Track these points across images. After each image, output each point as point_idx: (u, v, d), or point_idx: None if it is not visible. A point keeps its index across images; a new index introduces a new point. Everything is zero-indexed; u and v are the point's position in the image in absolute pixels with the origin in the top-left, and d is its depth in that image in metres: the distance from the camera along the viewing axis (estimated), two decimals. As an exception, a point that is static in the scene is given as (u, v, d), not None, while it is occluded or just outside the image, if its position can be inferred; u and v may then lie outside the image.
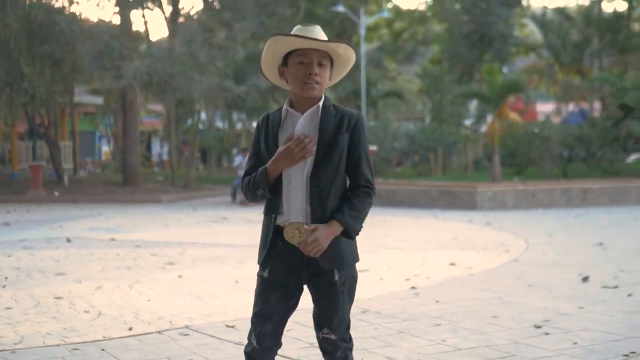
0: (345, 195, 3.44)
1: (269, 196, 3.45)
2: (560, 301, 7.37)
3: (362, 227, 3.45)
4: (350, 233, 3.39)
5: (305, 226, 3.35)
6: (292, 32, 3.40)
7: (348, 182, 3.48)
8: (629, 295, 7.64)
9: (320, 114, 3.41)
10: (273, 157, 3.38)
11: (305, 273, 3.45)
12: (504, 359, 5.34)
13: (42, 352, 5.57)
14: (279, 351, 3.63)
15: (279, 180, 3.43)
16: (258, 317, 3.50)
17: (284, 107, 3.49)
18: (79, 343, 5.80)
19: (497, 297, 7.63)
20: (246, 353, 3.55)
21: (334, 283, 3.43)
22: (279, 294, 3.47)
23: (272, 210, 3.48)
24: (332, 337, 3.49)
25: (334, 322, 3.48)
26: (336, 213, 3.37)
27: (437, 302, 7.38)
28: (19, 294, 7.79)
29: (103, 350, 5.61)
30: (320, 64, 3.39)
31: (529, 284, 8.38)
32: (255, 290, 3.55)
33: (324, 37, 3.42)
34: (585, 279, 8.57)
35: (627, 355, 5.38)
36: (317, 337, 3.56)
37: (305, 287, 3.53)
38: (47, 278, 8.87)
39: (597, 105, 39.97)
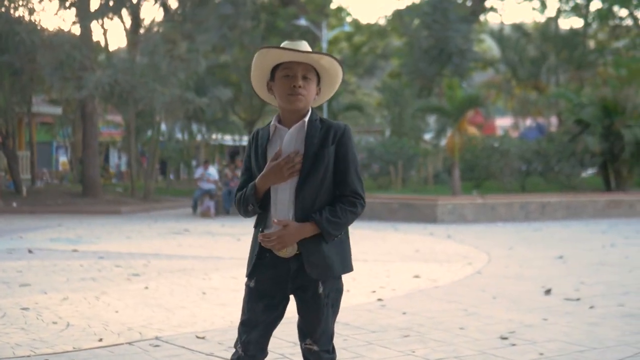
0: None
1: (258, 211, 3.53)
2: (524, 313, 7.50)
3: (339, 234, 3.47)
4: (324, 236, 3.42)
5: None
6: (280, 46, 3.47)
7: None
8: (591, 307, 7.79)
9: (306, 128, 3.47)
10: (262, 173, 3.46)
11: (291, 285, 3.51)
12: (473, 369, 5.44)
13: (13, 363, 5.55)
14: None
15: (267, 195, 3.50)
16: (244, 326, 3.56)
17: (272, 123, 3.56)
18: (49, 354, 5.78)
19: (463, 308, 7.74)
20: None
21: (318, 295, 3.49)
22: (264, 303, 3.53)
23: (260, 224, 3.56)
24: (315, 348, 3.57)
25: (317, 333, 3.55)
26: (314, 213, 3.42)
27: (404, 313, 7.46)
28: (-15, 305, 7.74)
29: (74, 361, 5.61)
30: (305, 77, 3.46)
31: (493, 295, 8.51)
32: (243, 299, 3.61)
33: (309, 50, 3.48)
34: (548, 292, 8.72)
35: (592, 366, 5.51)
36: (301, 346, 3.63)
37: (291, 297, 3.60)
38: (11, 289, 8.81)
39: (553, 120, 40.50)
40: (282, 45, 3.49)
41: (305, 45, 3.48)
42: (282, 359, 5.65)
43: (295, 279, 3.49)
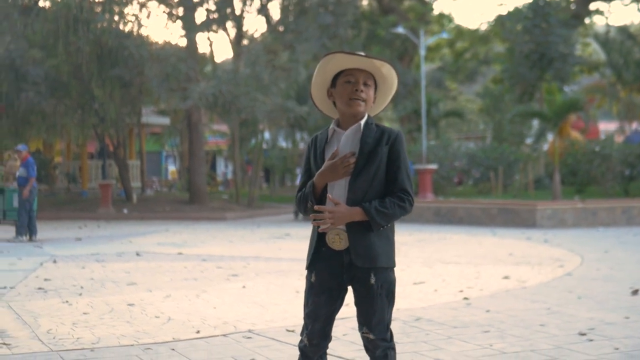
0: None
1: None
2: (607, 312, 7.64)
3: (386, 224, 3.72)
4: (371, 224, 3.67)
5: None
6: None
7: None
8: (676, 307, 7.88)
9: (362, 130, 3.77)
10: (319, 171, 3.77)
11: (345, 276, 3.79)
12: (546, 362, 5.67)
13: (117, 351, 6.07)
14: (336, 351, 3.99)
15: (324, 193, 3.80)
16: (308, 318, 3.88)
17: (330, 127, 3.87)
18: (150, 344, 6.29)
19: (547, 307, 7.93)
20: (299, 348, 3.95)
21: (371, 286, 3.75)
22: (325, 297, 3.82)
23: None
24: (371, 336, 3.82)
25: (372, 322, 3.80)
26: (365, 202, 3.70)
27: (487, 311, 7.71)
28: (95, 301, 8.35)
29: (173, 350, 6.09)
30: (365, 84, 3.76)
31: (578, 296, 8.65)
32: (305, 292, 3.92)
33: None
34: (635, 292, 8.80)
35: (665, 360, 5.67)
36: (361, 335, 3.90)
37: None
38: (119, 287, 9.43)
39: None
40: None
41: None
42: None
43: (349, 271, 3.76)
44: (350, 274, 3.79)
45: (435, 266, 11.57)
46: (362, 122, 3.81)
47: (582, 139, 28.50)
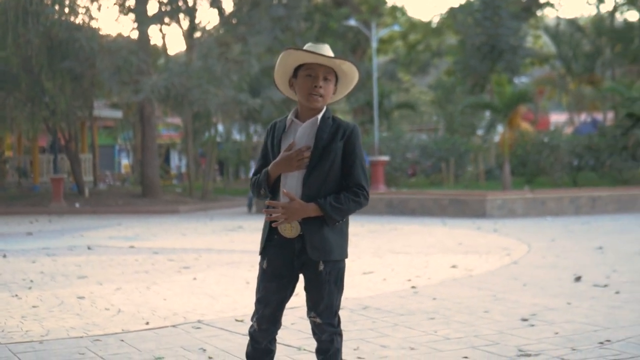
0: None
1: (269, 195, 3.93)
2: (550, 298, 7.84)
3: (341, 219, 3.83)
4: (326, 219, 3.78)
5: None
6: (304, 48, 3.86)
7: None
8: (617, 292, 8.10)
9: (318, 123, 3.87)
10: (274, 162, 3.87)
11: (296, 263, 3.89)
12: (488, 346, 5.82)
13: (67, 342, 6.10)
14: (284, 340, 4.09)
15: (278, 182, 3.90)
16: (259, 303, 3.98)
17: (289, 117, 3.97)
18: (100, 335, 6.33)
19: (492, 294, 8.11)
20: (249, 333, 4.06)
21: (319, 273, 3.86)
22: (276, 283, 3.92)
23: (270, 208, 3.91)
24: (318, 320, 3.94)
25: (320, 307, 3.92)
26: (320, 198, 3.80)
27: (434, 299, 7.87)
28: (44, 294, 8.35)
29: (122, 341, 6.14)
30: (325, 79, 3.86)
31: (523, 283, 8.85)
32: (257, 277, 4.03)
33: (331, 54, 3.88)
34: (578, 279, 9.03)
35: (602, 343, 5.85)
36: (308, 319, 4.02)
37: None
38: (69, 281, 9.43)
39: (609, 115, 40.30)
40: (305, 47, 3.87)
41: (327, 49, 3.88)
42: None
43: (300, 258, 3.87)
44: (300, 261, 3.89)
45: (385, 256, 11.72)
46: (320, 115, 3.89)
47: (532, 130, 28.89)
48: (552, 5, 44.80)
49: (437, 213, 21.19)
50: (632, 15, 44.68)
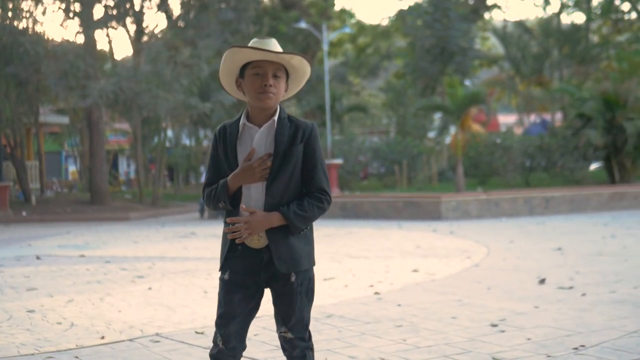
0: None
1: (230, 208, 3.61)
2: (516, 302, 7.68)
3: (305, 227, 3.60)
4: (291, 229, 3.53)
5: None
6: (249, 45, 3.56)
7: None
8: (583, 294, 7.97)
9: (275, 126, 3.58)
10: (233, 173, 3.56)
11: (264, 275, 3.61)
12: (460, 355, 5.62)
13: (18, 360, 5.77)
14: (249, 353, 3.80)
15: (238, 192, 3.60)
16: (222, 319, 3.65)
17: (241, 121, 3.63)
18: (53, 352, 5.99)
19: (457, 299, 7.92)
20: (211, 356, 3.71)
21: (291, 284, 3.60)
22: (240, 295, 3.61)
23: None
24: (290, 335, 3.67)
25: (291, 322, 3.65)
26: (282, 206, 3.54)
27: (399, 305, 7.65)
28: (-8, 309, 7.96)
29: (77, 357, 5.80)
30: (275, 76, 3.56)
31: (487, 286, 8.69)
32: (218, 294, 3.70)
33: (279, 49, 3.58)
34: (542, 281, 8.89)
35: (576, 349, 5.68)
36: (278, 335, 3.75)
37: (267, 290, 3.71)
38: (18, 293, 9.03)
39: (558, 115, 40.66)
40: (251, 43, 3.57)
41: (275, 44, 3.58)
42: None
43: (268, 269, 3.59)
44: (268, 273, 3.62)
45: (343, 261, 11.50)
46: (275, 117, 3.61)
47: (484, 131, 28.94)
48: (499, 8, 45.06)
49: (392, 216, 21.05)
50: (578, 17, 45.23)
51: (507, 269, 10.19)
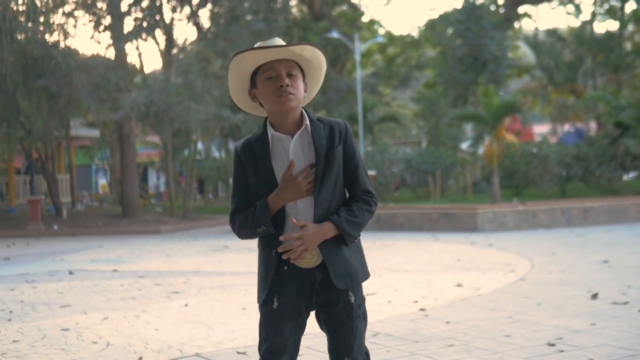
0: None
1: (273, 231, 3.25)
2: (571, 318, 7.32)
3: (359, 234, 3.29)
4: (344, 238, 3.20)
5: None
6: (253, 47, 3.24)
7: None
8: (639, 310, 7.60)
9: (310, 130, 3.25)
10: (275, 191, 3.21)
11: (316, 299, 3.26)
12: (521, 377, 5.29)
13: (53, 383, 5.51)
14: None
15: (279, 213, 3.25)
16: (271, 354, 3.28)
17: (269, 132, 3.26)
18: (89, 373, 5.74)
19: (508, 316, 7.57)
20: None
21: (351, 307, 3.26)
22: (292, 324, 3.28)
23: (273, 245, 3.26)
24: None
25: (354, 350, 3.31)
26: (332, 214, 3.22)
27: (447, 322, 7.32)
28: (26, 327, 7.72)
29: (115, 380, 5.55)
30: (290, 74, 3.22)
31: (537, 302, 8.33)
32: (261, 324, 3.33)
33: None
34: (595, 296, 8.52)
35: (644, 370, 5.34)
36: None
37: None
38: (52, 310, 8.79)
39: (592, 124, 40.11)
40: (255, 46, 3.24)
41: (278, 40, 3.24)
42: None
43: (321, 292, 3.24)
44: (322, 296, 3.25)
45: (384, 275, 11.16)
46: (307, 121, 3.26)
47: (518, 141, 28.50)
48: (530, 17, 44.67)
49: (427, 228, 20.69)
50: (612, 25, 44.68)
51: (554, 283, 9.81)
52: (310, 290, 3.25)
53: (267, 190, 3.24)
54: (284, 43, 3.22)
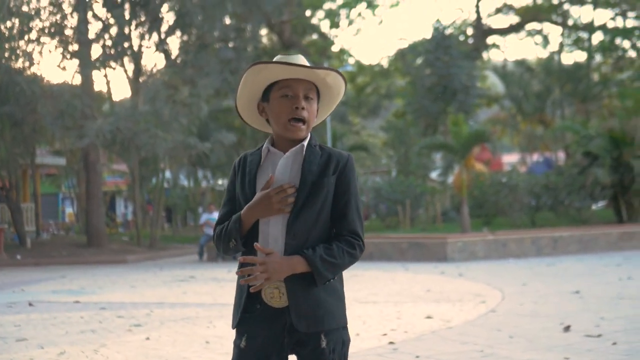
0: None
1: (242, 249, 3.01)
2: (544, 352, 7.11)
3: (333, 277, 2.95)
4: (315, 277, 2.90)
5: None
6: (275, 60, 3.01)
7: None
8: (614, 343, 7.40)
9: (304, 153, 3.00)
10: (248, 204, 2.97)
11: (287, 340, 2.97)
12: (493, 416, 5.06)
13: None
14: None
15: (254, 231, 3.01)
16: None
17: (264, 146, 3.07)
18: (40, 413, 5.43)
19: (479, 349, 7.35)
20: None
21: (322, 351, 2.96)
22: None
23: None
24: None
25: None
26: (307, 249, 2.93)
27: (417, 357, 7.07)
28: (-23, 363, 7.39)
29: (67, 420, 5.25)
30: (307, 97, 3.00)
31: (509, 335, 8.12)
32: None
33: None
34: (567, 328, 8.32)
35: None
36: None
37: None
38: (7, 345, 8.44)
39: (560, 154, 40.27)
40: (276, 59, 3.01)
41: (303, 60, 3.01)
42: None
43: (292, 334, 2.97)
44: (293, 338, 2.97)
45: (352, 306, 10.84)
46: (305, 142, 3.02)
47: (487, 170, 28.48)
48: (497, 47, 44.95)
49: (397, 257, 20.50)
50: (580, 56, 45.09)
51: (526, 315, 9.61)
52: (282, 331, 2.98)
53: (246, 203, 3.01)
54: (307, 63, 3.01)
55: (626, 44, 41.33)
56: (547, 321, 8.98)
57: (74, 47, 26.32)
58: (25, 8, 25.29)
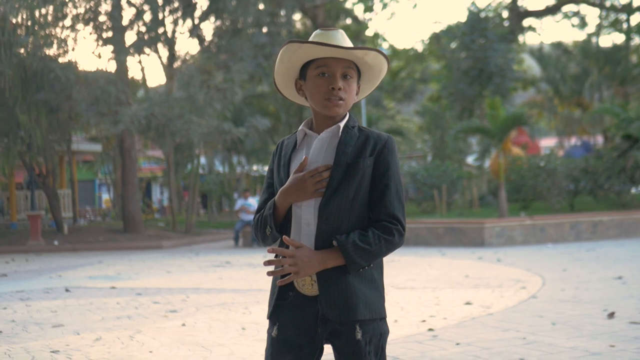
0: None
1: (277, 235, 2.89)
2: (588, 340, 6.92)
3: (367, 264, 2.80)
4: (347, 264, 2.75)
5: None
6: (311, 38, 2.87)
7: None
8: (661, 330, 7.20)
9: (340, 134, 2.86)
10: (282, 188, 2.85)
11: (321, 330, 2.83)
12: (539, 406, 4.90)
13: (36, 412, 5.12)
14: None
15: (287, 219, 2.89)
16: None
17: (300, 129, 2.96)
18: (76, 401, 5.36)
19: (521, 337, 7.17)
20: None
21: (356, 342, 2.81)
22: (292, 356, 2.86)
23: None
24: None
25: None
26: (339, 236, 2.78)
27: (457, 344, 6.92)
28: (14, 349, 7.34)
29: (102, 408, 5.17)
30: (345, 76, 2.87)
31: (552, 321, 7.93)
32: (265, 351, 2.96)
33: (348, 43, 2.89)
34: (611, 315, 8.12)
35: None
36: None
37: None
38: (43, 330, 8.41)
39: (599, 138, 39.67)
40: (313, 36, 2.88)
41: (342, 36, 2.89)
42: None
43: (326, 322, 2.83)
44: (327, 328, 2.82)
45: (390, 293, 10.77)
46: (342, 124, 2.87)
47: (524, 154, 28.07)
48: (534, 29, 44.27)
49: (433, 243, 20.30)
50: (618, 38, 44.32)
51: (568, 301, 9.41)
52: (315, 321, 2.84)
53: (281, 187, 2.89)
54: (348, 40, 2.92)
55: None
56: (590, 307, 8.78)
57: (108, 33, 26.31)
58: (59, -5, 25.31)
